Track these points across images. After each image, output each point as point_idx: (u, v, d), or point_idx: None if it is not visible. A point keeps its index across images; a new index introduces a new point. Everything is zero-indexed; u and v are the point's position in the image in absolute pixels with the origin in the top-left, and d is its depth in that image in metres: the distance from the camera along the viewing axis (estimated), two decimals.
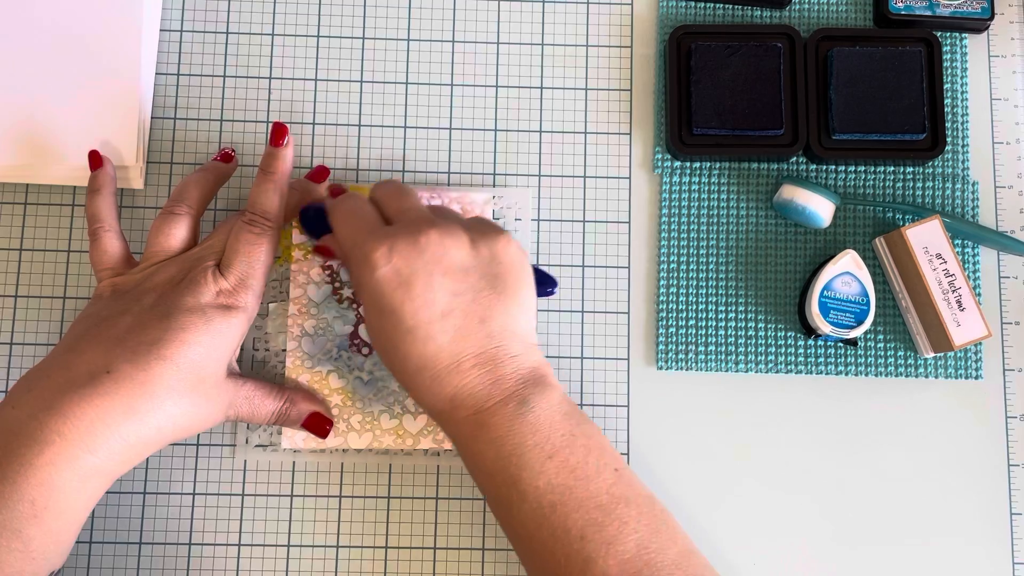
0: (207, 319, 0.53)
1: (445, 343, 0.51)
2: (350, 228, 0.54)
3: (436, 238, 0.52)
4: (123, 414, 0.50)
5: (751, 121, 0.64)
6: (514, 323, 0.53)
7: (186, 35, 0.67)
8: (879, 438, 0.64)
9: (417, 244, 0.51)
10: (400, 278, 0.51)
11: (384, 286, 0.51)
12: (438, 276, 0.51)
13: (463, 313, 0.51)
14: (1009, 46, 0.68)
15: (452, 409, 0.52)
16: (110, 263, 0.57)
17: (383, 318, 0.52)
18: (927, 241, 0.62)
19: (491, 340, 0.52)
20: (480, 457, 0.51)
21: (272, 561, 0.61)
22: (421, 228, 0.52)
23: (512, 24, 0.68)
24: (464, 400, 0.51)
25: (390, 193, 0.57)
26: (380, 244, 0.51)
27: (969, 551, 0.62)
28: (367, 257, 0.52)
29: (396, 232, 0.52)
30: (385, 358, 0.54)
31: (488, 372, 0.51)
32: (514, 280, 0.53)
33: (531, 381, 0.52)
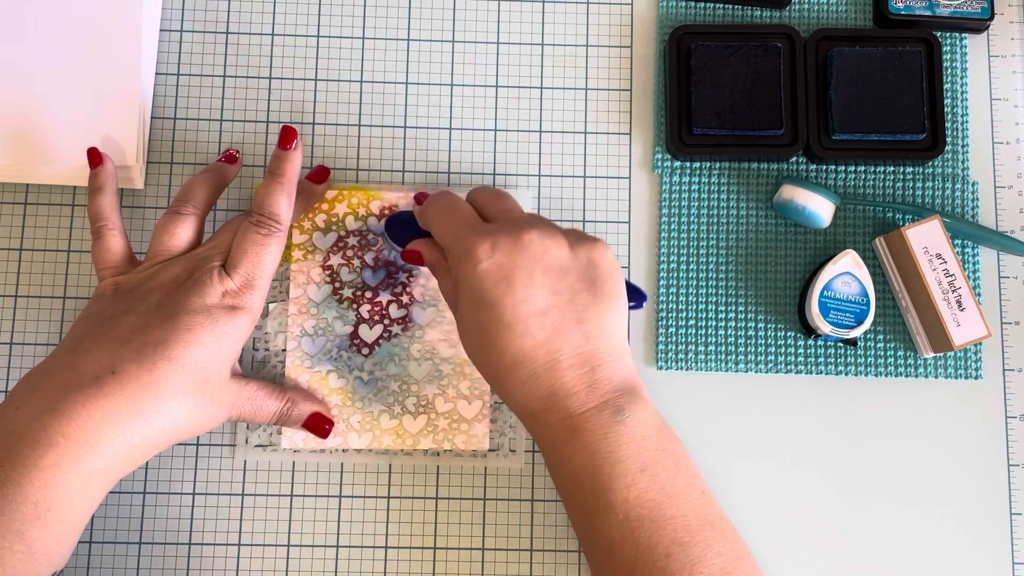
0: (213, 320, 0.53)
1: (543, 339, 0.51)
2: (451, 223, 0.55)
3: (537, 237, 0.52)
4: (128, 415, 0.50)
5: (751, 121, 0.64)
6: (610, 327, 0.52)
7: (186, 35, 0.67)
8: (879, 438, 0.64)
9: (519, 241, 0.52)
10: (502, 272, 0.51)
11: (486, 279, 0.51)
12: (539, 273, 0.51)
13: (561, 312, 0.51)
14: (1009, 46, 0.68)
15: (545, 410, 0.51)
16: (113, 262, 0.57)
17: (482, 311, 0.51)
18: (927, 241, 0.62)
19: (588, 341, 0.51)
20: (569, 462, 0.51)
21: (272, 561, 0.61)
22: (523, 227, 0.52)
23: (512, 24, 0.68)
24: (559, 401, 0.51)
25: (489, 196, 0.57)
26: (483, 239, 0.52)
27: (969, 551, 0.62)
28: (470, 251, 0.52)
29: (498, 229, 0.53)
30: (478, 354, 0.53)
31: (585, 374, 0.51)
32: (610, 286, 0.53)
33: (626, 390, 0.51)
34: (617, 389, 0.51)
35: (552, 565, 0.62)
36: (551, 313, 0.51)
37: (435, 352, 0.63)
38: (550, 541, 0.62)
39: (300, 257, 0.63)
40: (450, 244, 0.54)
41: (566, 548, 0.62)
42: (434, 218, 0.56)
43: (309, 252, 0.63)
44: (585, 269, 0.53)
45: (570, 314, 0.51)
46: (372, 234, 0.64)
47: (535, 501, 0.62)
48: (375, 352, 0.62)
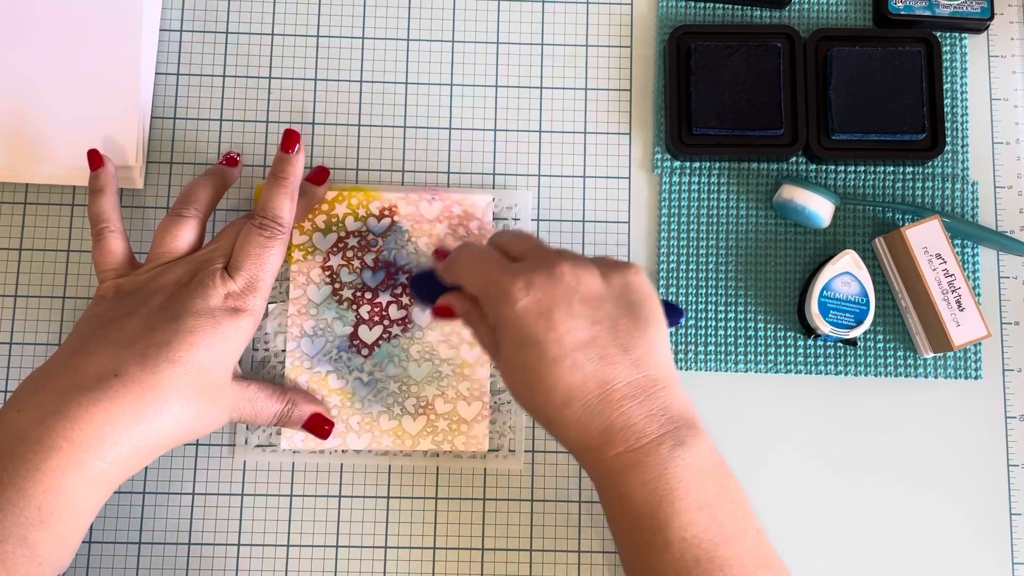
0: (215, 322, 0.53)
1: (592, 371, 0.49)
2: (481, 269, 0.53)
3: (570, 268, 0.51)
4: (131, 418, 0.50)
5: (751, 121, 0.64)
6: (657, 352, 0.51)
7: (186, 35, 0.67)
8: (879, 438, 0.64)
9: (553, 275, 0.51)
10: (540, 308, 0.50)
11: (525, 318, 0.50)
12: (577, 305, 0.50)
13: (605, 341, 0.50)
14: (1009, 46, 0.68)
15: (602, 445, 0.50)
16: (114, 264, 0.57)
17: (526, 350, 0.50)
18: (927, 241, 0.62)
19: (638, 368, 0.50)
20: (627, 498, 0.49)
21: (272, 561, 0.61)
22: (554, 260, 0.51)
23: (512, 24, 0.68)
24: (616, 435, 0.49)
25: (512, 237, 0.56)
26: (516, 278, 0.51)
27: (969, 551, 0.63)
28: (506, 293, 0.51)
29: (530, 267, 0.51)
30: (528, 395, 0.51)
31: (640, 403, 0.49)
32: (648, 309, 0.52)
33: (684, 423, 0.50)
34: (675, 420, 0.50)
35: (552, 565, 0.62)
36: (596, 344, 0.50)
37: (435, 353, 0.63)
38: (550, 541, 0.62)
39: (300, 258, 0.63)
40: (483, 290, 0.53)
41: (566, 548, 0.62)
42: (463, 268, 0.55)
43: (309, 253, 0.63)
44: (621, 295, 0.52)
45: (615, 342, 0.50)
46: (372, 235, 0.64)
47: (535, 501, 0.62)
48: (375, 353, 0.62)
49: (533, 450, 0.63)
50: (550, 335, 0.49)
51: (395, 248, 0.63)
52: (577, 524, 0.62)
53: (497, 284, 0.51)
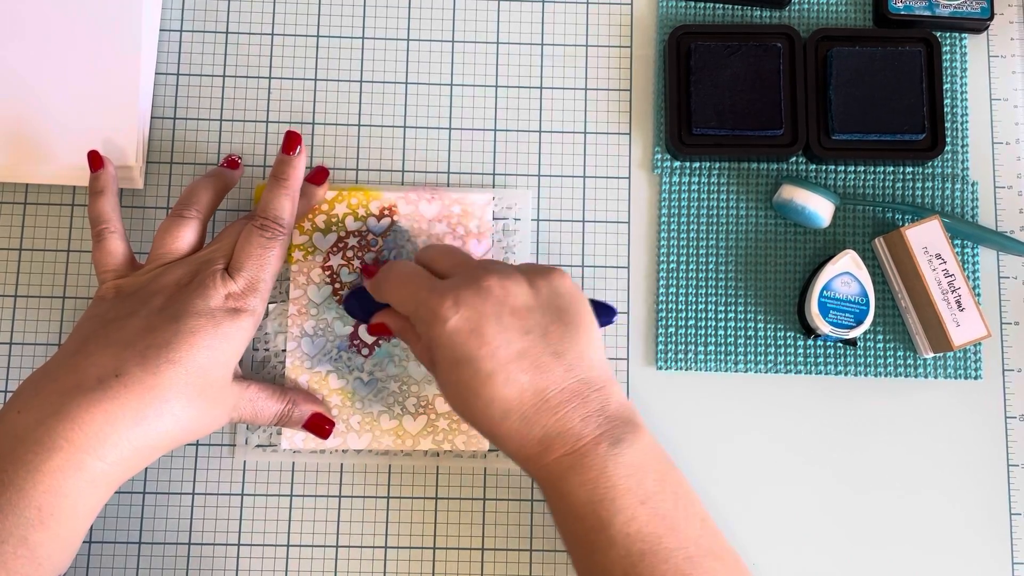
0: (216, 322, 0.53)
1: (527, 382, 0.50)
2: (409, 290, 0.54)
3: (497, 281, 0.52)
4: (132, 419, 0.50)
5: (751, 121, 0.64)
6: (589, 354, 0.52)
7: (186, 35, 0.67)
8: (879, 438, 0.64)
9: (480, 290, 0.51)
10: (471, 325, 0.50)
11: (456, 336, 0.50)
12: (506, 317, 0.51)
13: (537, 351, 0.51)
14: (1009, 46, 0.68)
15: (542, 452, 0.50)
16: (114, 265, 0.57)
17: (460, 368, 0.51)
18: (927, 241, 0.62)
19: (571, 372, 0.51)
20: (569, 499, 0.50)
21: (272, 561, 0.61)
22: (480, 275, 0.52)
23: (512, 24, 0.68)
24: (554, 440, 0.50)
25: (438, 253, 0.57)
26: (444, 297, 0.51)
27: (969, 551, 0.63)
28: (435, 312, 0.51)
29: (457, 284, 0.52)
30: (466, 411, 0.52)
31: (576, 407, 0.50)
32: (576, 311, 0.53)
33: (620, 420, 0.51)
34: (612, 419, 0.50)
35: (552, 565, 0.62)
36: (528, 354, 0.50)
37: None
38: (550, 541, 0.62)
39: (300, 258, 0.63)
40: (414, 311, 0.53)
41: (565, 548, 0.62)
42: (391, 289, 0.56)
43: (309, 253, 0.63)
44: (549, 302, 0.52)
45: (547, 350, 0.51)
46: (372, 234, 0.64)
47: (535, 501, 0.62)
48: (375, 353, 0.62)
49: None
50: (482, 351, 0.50)
51: (395, 248, 0.63)
52: None
53: (426, 305, 0.52)
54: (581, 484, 0.49)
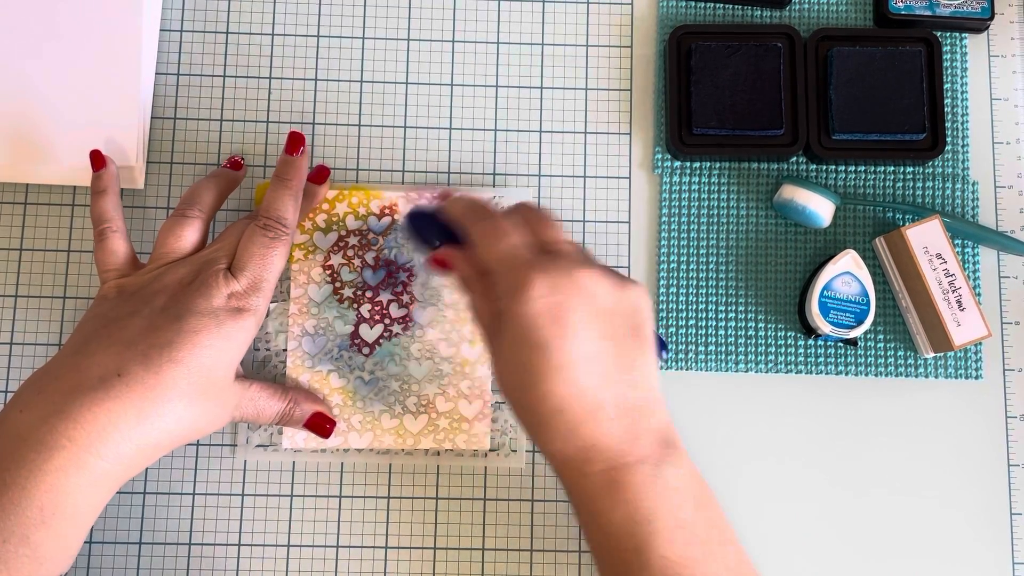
0: (218, 322, 0.53)
1: (589, 386, 0.49)
2: (504, 247, 0.52)
3: (593, 278, 0.50)
4: (134, 418, 0.50)
5: (751, 121, 0.64)
6: (652, 375, 0.51)
7: (186, 35, 0.67)
8: (879, 438, 0.64)
9: (576, 281, 0.49)
10: (556, 313, 0.49)
11: (538, 319, 0.48)
12: (591, 316, 0.49)
13: (609, 358, 0.49)
14: (1009, 46, 0.68)
15: (584, 461, 0.49)
16: (116, 264, 0.57)
17: (530, 351, 0.49)
18: (927, 241, 0.62)
19: (634, 390, 0.50)
20: (606, 516, 0.49)
21: (272, 561, 0.61)
22: (580, 265, 0.50)
23: (512, 24, 0.68)
24: (600, 452, 0.49)
25: (538, 219, 0.54)
26: (541, 275, 0.49)
27: (969, 551, 0.63)
28: (526, 286, 0.49)
29: (556, 265, 0.50)
30: (517, 393, 0.50)
31: (629, 426, 0.49)
32: (648, 331, 0.51)
33: (666, 442, 0.50)
34: (657, 440, 0.50)
35: (552, 565, 0.62)
36: (599, 359, 0.49)
37: (436, 351, 0.63)
38: (550, 541, 0.62)
39: (301, 257, 0.63)
40: (501, 271, 0.51)
41: (566, 548, 0.62)
42: (486, 235, 0.53)
43: (310, 252, 0.63)
44: (629, 314, 0.51)
45: (616, 361, 0.50)
46: (372, 233, 0.64)
47: (535, 501, 0.62)
48: (376, 352, 0.62)
49: (534, 449, 0.63)
50: (558, 342, 0.48)
51: (396, 247, 0.63)
52: (577, 524, 0.62)
53: (517, 273, 0.50)
54: (622, 502, 0.48)
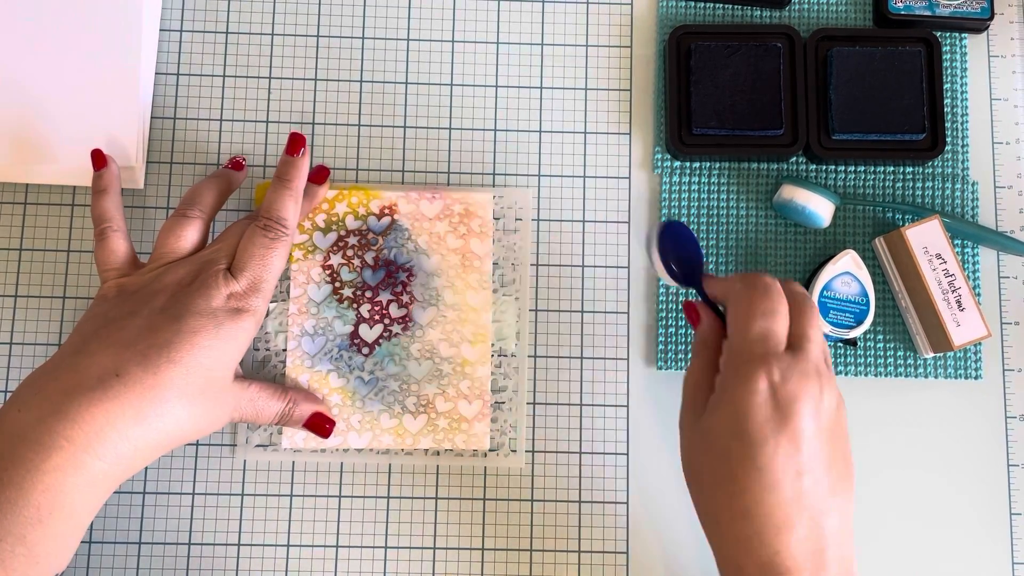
0: (218, 323, 0.53)
1: (786, 499, 0.47)
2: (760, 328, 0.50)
3: (832, 397, 0.49)
4: (132, 418, 0.50)
5: (751, 121, 0.64)
6: (851, 510, 0.50)
7: (186, 35, 0.67)
8: (878, 438, 0.64)
9: (812, 394, 0.48)
10: (783, 410, 0.48)
11: (759, 411, 0.48)
12: (815, 431, 0.48)
13: (816, 479, 0.48)
14: (1009, 46, 0.68)
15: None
16: (117, 264, 0.57)
17: (737, 441, 0.48)
18: (927, 241, 0.62)
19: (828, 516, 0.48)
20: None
21: (272, 561, 0.61)
22: (825, 375, 0.49)
23: (512, 24, 0.68)
24: (778, 572, 0.47)
25: (803, 309, 0.52)
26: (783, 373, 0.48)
27: (969, 551, 0.62)
28: (756, 376, 0.48)
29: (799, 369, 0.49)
30: (707, 482, 0.50)
31: (814, 553, 0.48)
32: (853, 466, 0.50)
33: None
34: (845, 570, 0.48)
35: (552, 565, 0.62)
36: (807, 477, 0.48)
37: (435, 351, 0.63)
38: (550, 541, 0.62)
39: (300, 257, 0.63)
40: (742, 349, 0.50)
41: (566, 548, 0.62)
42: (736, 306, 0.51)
43: (309, 252, 0.63)
44: (845, 439, 0.50)
45: (823, 483, 0.48)
46: (372, 233, 0.64)
47: (535, 501, 0.62)
48: (375, 351, 0.62)
49: (534, 449, 0.63)
50: (771, 442, 0.47)
51: (395, 246, 0.63)
52: (577, 524, 0.62)
53: (756, 361, 0.49)
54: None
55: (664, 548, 0.62)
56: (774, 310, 0.50)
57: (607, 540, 0.62)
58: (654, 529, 0.62)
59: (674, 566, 0.62)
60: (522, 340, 0.63)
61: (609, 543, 0.62)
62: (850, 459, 0.50)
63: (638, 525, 0.62)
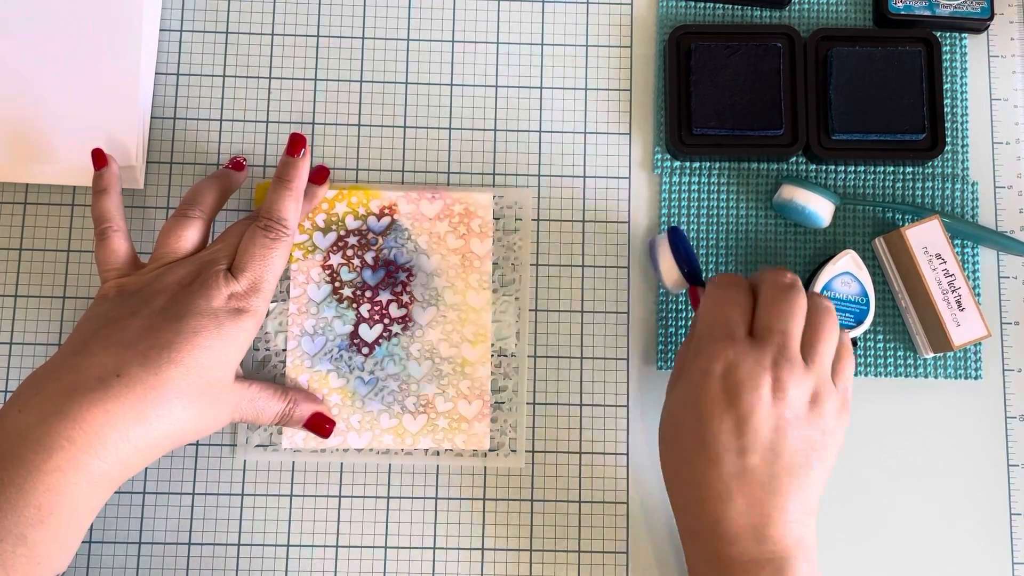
0: (218, 323, 0.53)
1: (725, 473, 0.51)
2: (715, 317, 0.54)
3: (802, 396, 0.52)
4: (133, 419, 0.50)
5: (751, 121, 0.64)
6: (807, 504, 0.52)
7: (186, 35, 0.67)
8: (879, 438, 0.64)
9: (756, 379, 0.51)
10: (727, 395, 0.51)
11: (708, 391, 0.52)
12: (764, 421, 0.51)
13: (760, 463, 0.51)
14: (1009, 46, 0.68)
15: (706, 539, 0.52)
16: (117, 264, 0.57)
17: (689, 415, 0.53)
18: (927, 241, 0.62)
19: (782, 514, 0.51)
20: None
21: (272, 561, 0.61)
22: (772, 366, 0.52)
23: (512, 24, 0.68)
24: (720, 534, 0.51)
25: (817, 318, 0.54)
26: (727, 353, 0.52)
27: (969, 551, 0.62)
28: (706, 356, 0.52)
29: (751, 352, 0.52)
30: (665, 449, 0.55)
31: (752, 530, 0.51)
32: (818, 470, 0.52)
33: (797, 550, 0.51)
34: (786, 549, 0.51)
35: (552, 565, 0.62)
36: (751, 456, 0.51)
37: (435, 351, 0.63)
38: (550, 541, 0.62)
39: (300, 257, 0.63)
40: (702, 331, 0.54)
41: (566, 548, 0.62)
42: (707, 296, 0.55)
43: (309, 252, 0.63)
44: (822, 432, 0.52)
45: (774, 465, 0.51)
46: (372, 233, 0.64)
47: (535, 501, 0.62)
48: (375, 351, 0.62)
49: (533, 449, 0.63)
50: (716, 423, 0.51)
51: (395, 246, 0.63)
52: (577, 524, 0.62)
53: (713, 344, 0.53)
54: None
55: (664, 548, 0.62)
56: (735, 300, 0.54)
57: (607, 540, 0.62)
58: (654, 529, 0.62)
59: (674, 566, 0.62)
60: (522, 340, 0.63)
61: (609, 543, 0.62)
62: (822, 452, 0.52)
63: (638, 525, 0.62)
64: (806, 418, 0.52)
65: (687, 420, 0.52)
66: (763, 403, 0.51)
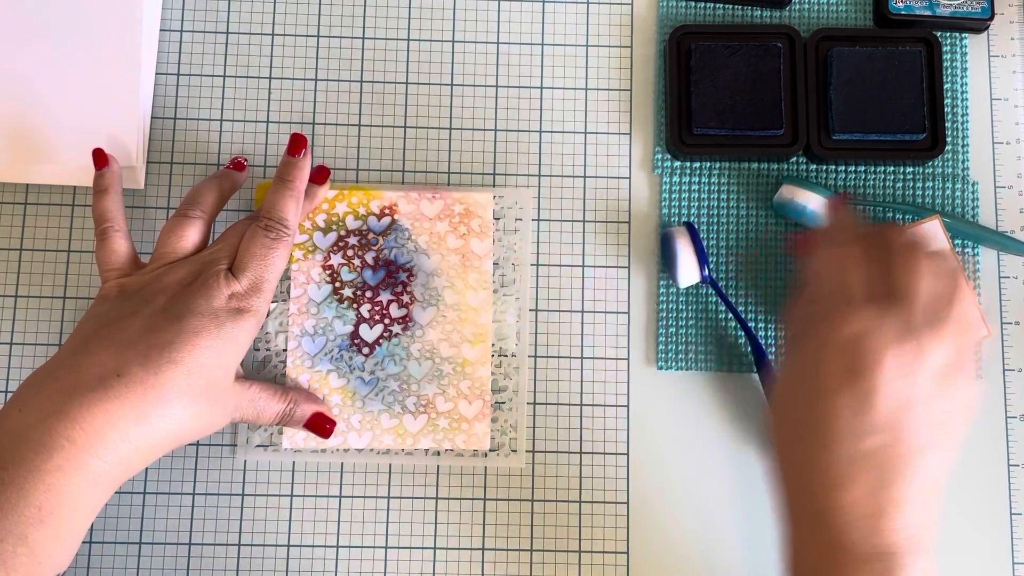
0: (219, 323, 0.53)
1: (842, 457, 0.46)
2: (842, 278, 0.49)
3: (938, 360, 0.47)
4: (133, 419, 0.50)
5: (751, 121, 0.64)
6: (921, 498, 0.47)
7: (186, 35, 0.67)
8: None
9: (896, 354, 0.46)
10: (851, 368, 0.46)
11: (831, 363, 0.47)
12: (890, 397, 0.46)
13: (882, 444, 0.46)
14: (1009, 46, 0.68)
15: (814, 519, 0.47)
16: (117, 263, 0.57)
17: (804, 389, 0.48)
18: (927, 241, 0.61)
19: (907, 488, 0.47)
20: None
21: (272, 561, 0.61)
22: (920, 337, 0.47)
23: (512, 24, 0.68)
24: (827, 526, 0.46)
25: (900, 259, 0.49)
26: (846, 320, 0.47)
27: (969, 551, 0.62)
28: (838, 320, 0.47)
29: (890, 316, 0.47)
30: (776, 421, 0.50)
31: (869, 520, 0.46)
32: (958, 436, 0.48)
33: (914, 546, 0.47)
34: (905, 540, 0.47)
35: (552, 565, 0.62)
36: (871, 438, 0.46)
37: (435, 351, 0.63)
38: (550, 541, 0.62)
39: (300, 257, 0.63)
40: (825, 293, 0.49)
41: (566, 548, 0.62)
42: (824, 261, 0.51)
43: (309, 252, 0.63)
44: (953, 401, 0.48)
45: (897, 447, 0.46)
46: (372, 233, 0.64)
47: (535, 501, 0.62)
48: (375, 352, 0.62)
49: (534, 450, 0.63)
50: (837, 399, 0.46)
51: (395, 246, 0.63)
52: (577, 524, 0.62)
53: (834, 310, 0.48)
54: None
55: (664, 548, 0.62)
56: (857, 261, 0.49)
57: (607, 540, 0.62)
58: (654, 529, 0.62)
59: (674, 566, 0.62)
60: (522, 340, 0.63)
61: (609, 543, 0.62)
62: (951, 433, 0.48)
63: (638, 525, 0.62)
64: (936, 395, 0.47)
65: (802, 394, 0.48)
66: (889, 378, 0.46)
